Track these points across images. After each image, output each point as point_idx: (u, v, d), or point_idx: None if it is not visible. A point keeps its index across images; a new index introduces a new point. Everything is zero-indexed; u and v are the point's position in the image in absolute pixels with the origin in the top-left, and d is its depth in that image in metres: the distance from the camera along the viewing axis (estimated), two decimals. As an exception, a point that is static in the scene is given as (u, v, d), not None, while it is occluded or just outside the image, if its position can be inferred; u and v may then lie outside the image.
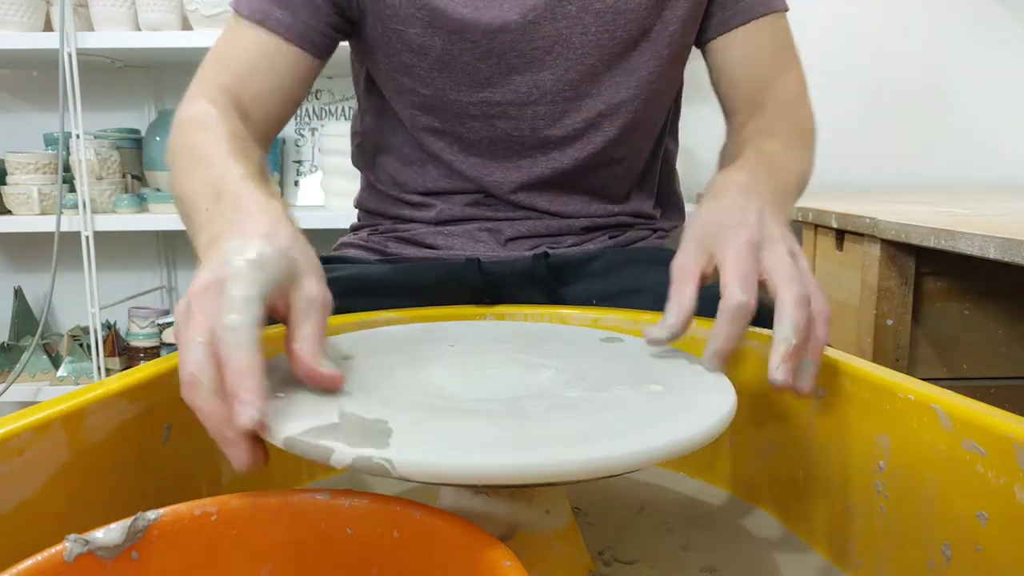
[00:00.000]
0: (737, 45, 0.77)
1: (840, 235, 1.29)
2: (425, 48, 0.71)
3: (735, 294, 0.45)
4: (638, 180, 0.83)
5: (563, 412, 0.38)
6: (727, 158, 0.72)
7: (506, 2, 0.69)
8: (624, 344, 0.52)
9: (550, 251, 0.77)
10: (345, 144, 0.99)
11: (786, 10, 0.77)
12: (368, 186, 0.87)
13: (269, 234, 0.42)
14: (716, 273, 0.49)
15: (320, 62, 0.73)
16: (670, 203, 0.89)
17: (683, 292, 0.48)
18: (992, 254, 0.88)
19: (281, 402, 0.38)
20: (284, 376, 0.41)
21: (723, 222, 0.50)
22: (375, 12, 0.71)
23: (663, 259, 0.78)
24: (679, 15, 0.73)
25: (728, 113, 0.80)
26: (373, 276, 0.75)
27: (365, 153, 0.86)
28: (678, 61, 0.77)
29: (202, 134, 0.61)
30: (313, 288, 0.42)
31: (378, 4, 0.71)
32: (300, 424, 0.35)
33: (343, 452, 0.32)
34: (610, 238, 0.82)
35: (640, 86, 0.75)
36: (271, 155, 1.77)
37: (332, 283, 0.74)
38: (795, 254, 0.48)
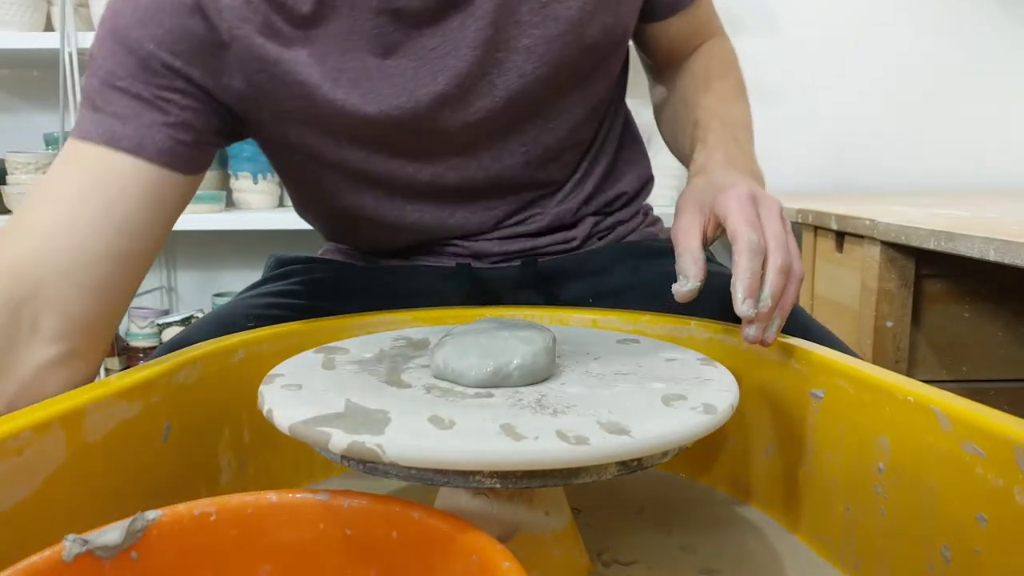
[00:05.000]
0: (679, 21, 0.76)
1: (840, 237, 1.29)
2: (359, 137, 0.65)
3: (747, 234, 0.49)
4: (594, 157, 0.77)
5: (557, 406, 0.39)
6: (674, 115, 0.76)
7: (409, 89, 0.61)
8: (639, 345, 0.52)
9: (539, 254, 0.74)
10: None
11: None
12: None
13: None
14: (715, 233, 0.54)
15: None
16: (634, 161, 0.82)
17: (691, 245, 0.52)
18: (992, 256, 0.88)
19: (296, 392, 0.41)
20: (303, 368, 0.45)
21: (719, 185, 0.54)
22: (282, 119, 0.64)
23: (656, 251, 0.77)
24: (610, 22, 0.66)
25: (654, 68, 0.84)
26: (363, 279, 0.74)
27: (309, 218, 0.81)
28: (620, 61, 0.74)
29: None
30: None
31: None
32: (306, 412, 0.37)
33: (340, 438, 0.34)
34: (599, 231, 0.77)
35: (587, 102, 0.70)
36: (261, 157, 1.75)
37: (322, 285, 0.72)
38: (783, 217, 0.53)
